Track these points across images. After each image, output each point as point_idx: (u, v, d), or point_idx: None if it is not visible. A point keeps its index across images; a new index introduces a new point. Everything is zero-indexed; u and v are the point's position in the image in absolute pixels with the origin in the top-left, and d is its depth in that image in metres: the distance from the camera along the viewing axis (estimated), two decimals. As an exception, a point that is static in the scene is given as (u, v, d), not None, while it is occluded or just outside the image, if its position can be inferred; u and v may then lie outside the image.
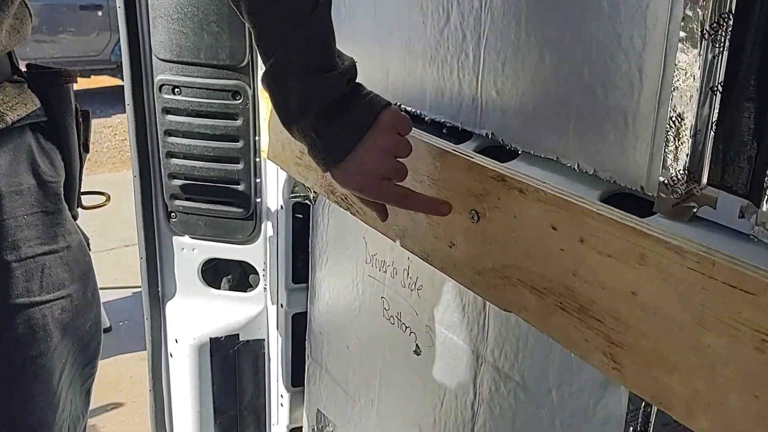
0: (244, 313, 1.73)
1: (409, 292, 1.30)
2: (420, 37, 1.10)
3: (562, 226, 0.83)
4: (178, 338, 1.74)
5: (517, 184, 0.88)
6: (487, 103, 1.01)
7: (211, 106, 1.54)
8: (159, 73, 1.54)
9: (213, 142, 1.57)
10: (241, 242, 1.66)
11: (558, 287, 0.85)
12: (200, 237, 1.68)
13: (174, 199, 1.65)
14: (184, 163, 1.61)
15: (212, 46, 1.49)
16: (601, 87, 0.84)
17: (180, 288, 1.74)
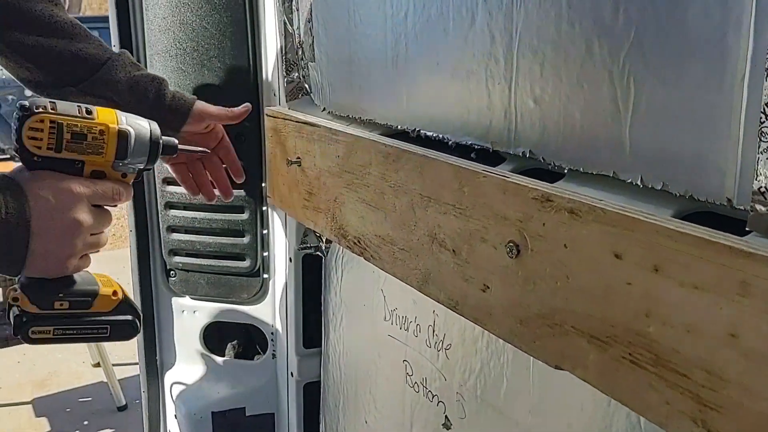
0: (251, 384, 1.53)
1: (436, 352, 1.10)
2: (440, 47, 0.95)
3: (628, 253, 0.64)
4: (178, 413, 1.54)
5: (566, 203, 0.70)
6: (523, 116, 0.84)
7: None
8: (156, 117, 1.40)
9: (215, 189, 1.42)
10: (247, 302, 1.49)
11: (626, 334, 0.65)
12: (202, 298, 1.51)
13: (173, 255, 1.48)
14: (184, 214, 1.45)
15: (213, 85, 1.36)
16: (669, 77, 0.67)
17: (180, 355, 1.55)
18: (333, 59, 1.21)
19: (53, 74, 1.10)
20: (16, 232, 0.78)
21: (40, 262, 0.82)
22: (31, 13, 1.10)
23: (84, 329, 0.89)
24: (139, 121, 0.88)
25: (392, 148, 0.96)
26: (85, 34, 1.13)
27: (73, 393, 3.77)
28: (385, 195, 0.98)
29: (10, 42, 1.09)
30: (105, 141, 0.84)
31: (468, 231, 0.83)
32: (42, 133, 0.81)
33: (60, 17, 1.12)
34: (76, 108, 0.84)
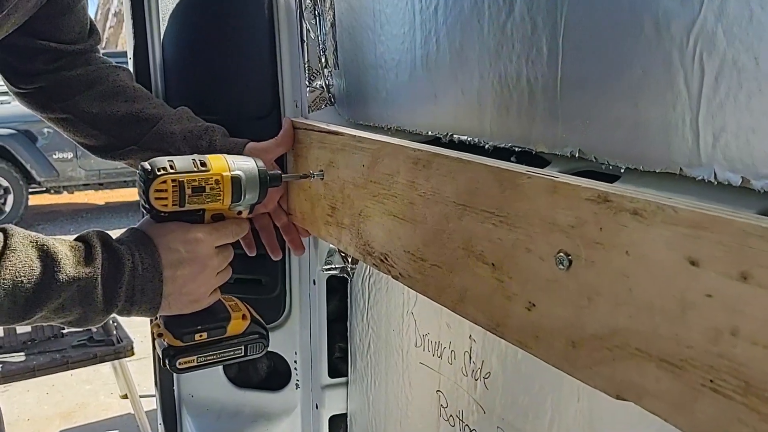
0: (274, 416, 1.43)
1: (473, 382, 0.99)
2: (475, 41, 0.86)
3: (708, 259, 0.53)
4: (196, 448, 1.45)
5: (628, 203, 0.60)
6: (570, 111, 0.74)
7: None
8: (174, 131, 1.33)
9: (234, 208, 1.33)
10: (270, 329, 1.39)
11: (705, 356, 0.54)
12: (221, 323, 1.41)
13: (191, 278, 1.40)
14: (203, 234, 1.37)
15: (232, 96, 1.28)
16: (744, 51, 0.57)
17: (199, 387, 1.46)
18: (358, 65, 1.12)
19: (117, 137, 1.16)
20: (151, 284, 0.88)
21: (175, 304, 0.92)
22: (96, 83, 1.17)
23: (223, 353, 0.99)
24: (245, 162, 0.96)
25: (422, 152, 0.86)
26: (145, 96, 1.19)
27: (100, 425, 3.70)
28: (415, 205, 0.88)
29: (76, 111, 1.16)
30: (221, 189, 0.93)
31: (510, 241, 0.73)
32: (166, 192, 0.89)
33: (122, 82, 1.18)
34: (191, 162, 0.91)
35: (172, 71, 1.32)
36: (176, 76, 1.32)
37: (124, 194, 8.53)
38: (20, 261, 0.79)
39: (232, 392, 1.46)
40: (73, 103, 1.16)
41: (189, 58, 1.30)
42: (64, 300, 0.82)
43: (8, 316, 0.80)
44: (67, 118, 1.17)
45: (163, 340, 0.97)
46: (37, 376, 3.19)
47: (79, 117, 1.16)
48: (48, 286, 0.80)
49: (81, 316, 0.85)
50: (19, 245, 0.80)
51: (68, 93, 1.16)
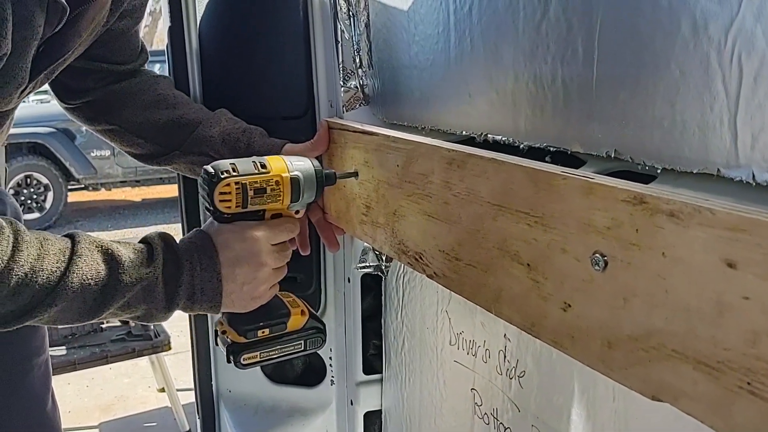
0: (309, 412, 1.45)
1: (508, 380, 0.99)
2: (510, 41, 0.86)
3: (745, 261, 0.53)
4: (233, 442, 1.47)
5: (664, 205, 0.60)
6: (606, 110, 0.74)
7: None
8: (211, 131, 1.36)
9: (270, 206, 1.35)
10: (305, 325, 1.40)
11: (743, 359, 0.54)
12: (258, 320, 1.43)
13: (228, 275, 1.42)
14: (239, 232, 1.39)
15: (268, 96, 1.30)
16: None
17: (236, 382, 1.49)
18: (392, 65, 1.13)
19: (161, 144, 1.20)
20: (210, 283, 0.92)
21: (237, 301, 0.95)
22: (139, 93, 1.20)
23: (284, 348, 1.02)
24: (302, 163, 0.99)
25: (456, 153, 0.87)
26: (185, 102, 1.23)
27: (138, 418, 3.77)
28: (449, 205, 0.89)
29: (122, 122, 1.20)
30: (281, 190, 0.96)
31: (545, 242, 0.73)
32: (230, 195, 0.93)
33: (162, 90, 1.22)
34: (252, 164, 0.94)
35: (209, 73, 1.34)
36: (213, 77, 1.34)
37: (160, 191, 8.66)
38: (87, 265, 0.84)
39: (269, 388, 1.48)
40: (119, 115, 1.20)
41: (226, 60, 1.32)
42: (129, 299, 0.88)
43: (80, 315, 0.86)
44: (113, 129, 1.22)
45: (226, 337, 1.00)
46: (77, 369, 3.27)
47: (125, 128, 1.21)
48: (113, 287, 0.86)
49: (146, 312, 0.90)
50: (86, 250, 0.85)
51: (115, 106, 1.20)
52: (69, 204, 8.05)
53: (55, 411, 1.26)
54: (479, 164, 0.83)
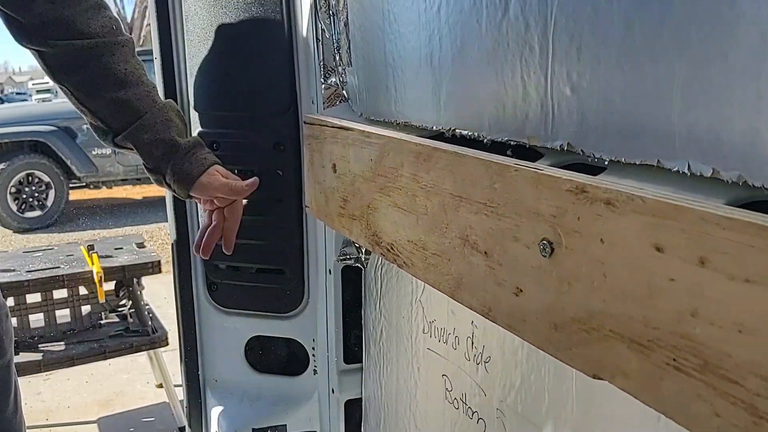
0: (293, 401, 1.49)
1: (475, 366, 1.03)
2: (474, 39, 0.90)
3: (671, 245, 0.57)
4: (219, 429, 1.51)
5: (602, 194, 0.63)
6: (560, 107, 0.78)
7: (251, 160, 1.38)
8: (197, 127, 1.40)
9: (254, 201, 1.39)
10: (288, 316, 1.45)
11: (670, 337, 0.58)
12: (243, 312, 1.48)
13: (214, 268, 1.46)
14: (225, 226, 1.43)
15: (252, 93, 1.34)
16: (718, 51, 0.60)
17: (222, 371, 1.53)
18: (369, 62, 1.17)
19: (105, 122, 1.19)
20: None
21: None
22: (93, 60, 1.15)
23: None
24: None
25: (423, 147, 0.91)
26: (134, 81, 1.19)
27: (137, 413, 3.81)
28: (417, 197, 0.93)
29: (72, 86, 1.18)
30: None
31: (500, 230, 0.77)
32: None
33: (115, 64, 1.17)
34: None
35: (195, 69, 1.38)
36: (200, 74, 1.38)
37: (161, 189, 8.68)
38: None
39: (254, 377, 1.52)
40: (70, 78, 1.17)
41: (211, 58, 1.36)
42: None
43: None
44: (65, 90, 1.19)
45: None
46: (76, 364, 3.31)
47: (74, 94, 1.18)
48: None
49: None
50: None
51: (71, 66, 1.15)
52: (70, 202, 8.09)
53: (16, 416, 1.27)
54: (443, 158, 0.87)
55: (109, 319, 3.45)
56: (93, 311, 3.31)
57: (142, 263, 3.36)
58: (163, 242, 6.69)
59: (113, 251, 3.46)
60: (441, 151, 0.87)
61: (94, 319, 3.35)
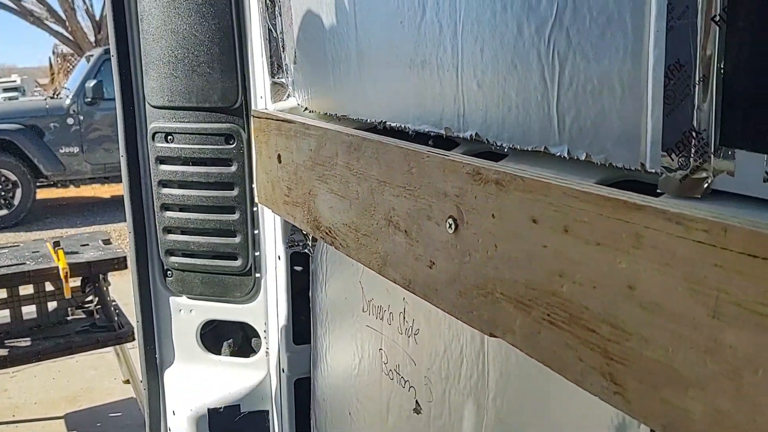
0: (246, 381, 1.57)
1: (407, 339, 1.12)
2: (398, 39, 0.99)
3: (543, 217, 0.67)
4: (176, 410, 1.58)
5: (492, 175, 0.73)
6: (469, 101, 0.88)
7: (204, 153, 1.46)
8: (152, 121, 1.47)
9: (207, 191, 1.48)
10: (241, 301, 1.53)
11: (544, 296, 0.67)
12: (198, 297, 1.56)
13: (169, 255, 1.54)
14: (179, 215, 1.51)
15: (203, 89, 1.42)
16: (589, 52, 0.70)
17: (179, 354, 1.60)
18: (312, 60, 1.26)
19: None
20: None
21: None
22: None
23: None
24: None
25: (354, 137, 1.00)
26: None
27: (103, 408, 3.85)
28: (350, 183, 1.02)
29: None
30: None
31: (417, 210, 0.86)
32: None
33: None
34: None
35: (151, 67, 1.45)
36: (154, 70, 1.46)
37: (129, 187, 8.64)
38: None
39: (208, 359, 1.60)
40: None
41: (165, 55, 1.44)
42: None
43: None
44: None
45: None
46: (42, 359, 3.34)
47: None
48: None
49: None
50: None
51: None
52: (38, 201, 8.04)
53: None
54: (370, 147, 0.96)
55: (76, 315, 3.49)
56: (59, 307, 3.35)
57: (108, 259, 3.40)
58: (131, 240, 6.68)
59: (79, 248, 3.49)
60: (368, 141, 0.96)
61: (61, 315, 3.38)
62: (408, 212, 0.88)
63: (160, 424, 1.64)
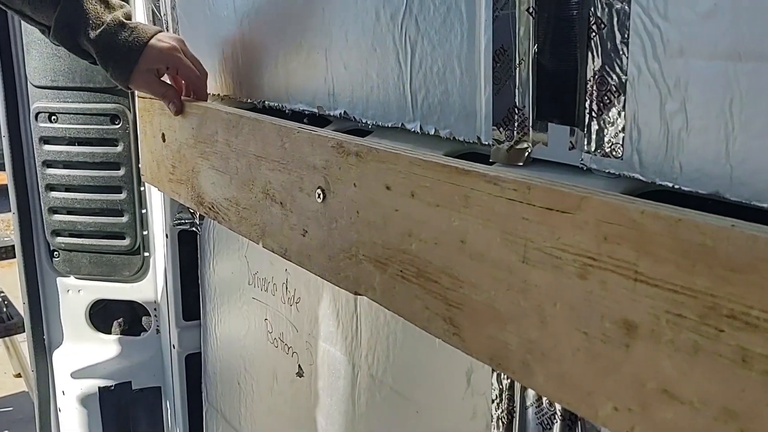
0: (137, 359, 1.60)
1: (289, 307, 1.20)
2: (276, 23, 1.05)
3: (395, 184, 0.75)
4: (65, 390, 1.59)
5: (353, 148, 0.81)
6: (337, 81, 0.95)
7: (89, 133, 1.47)
8: (35, 101, 1.47)
9: (94, 171, 1.49)
10: (130, 280, 1.55)
11: (397, 254, 0.76)
12: (86, 277, 1.56)
13: (56, 235, 1.54)
14: (65, 195, 1.52)
15: (88, 69, 1.43)
16: (434, 37, 0.79)
17: (67, 334, 1.61)
18: (195, 42, 1.29)
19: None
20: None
21: None
22: None
23: None
24: None
25: (232, 115, 1.05)
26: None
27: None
28: (230, 160, 1.07)
29: None
30: None
31: (290, 183, 0.93)
32: None
33: None
34: None
35: (32, 46, 1.45)
36: (37, 49, 1.45)
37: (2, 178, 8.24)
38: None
39: (98, 339, 1.61)
40: None
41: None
42: None
43: None
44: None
45: None
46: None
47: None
48: None
49: None
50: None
51: None
52: None
53: None
54: (247, 124, 1.02)
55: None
56: (-56, 298, 3.21)
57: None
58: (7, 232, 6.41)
59: (-38, 236, 3.35)
60: (246, 119, 1.02)
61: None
62: (282, 185, 0.95)
63: (50, 406, 1.64)
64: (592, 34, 0.61)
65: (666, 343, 0.51)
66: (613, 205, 0.53)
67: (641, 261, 0.52)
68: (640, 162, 0.60)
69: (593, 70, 0.61)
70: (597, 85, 0.61)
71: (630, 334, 0.53)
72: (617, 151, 0.61)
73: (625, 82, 0.59)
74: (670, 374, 0.51)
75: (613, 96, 0.61)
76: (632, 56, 0.58)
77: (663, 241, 0.50)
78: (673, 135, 0.57)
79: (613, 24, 0.59)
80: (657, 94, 0.57)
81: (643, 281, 0.52)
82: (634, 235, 0.52)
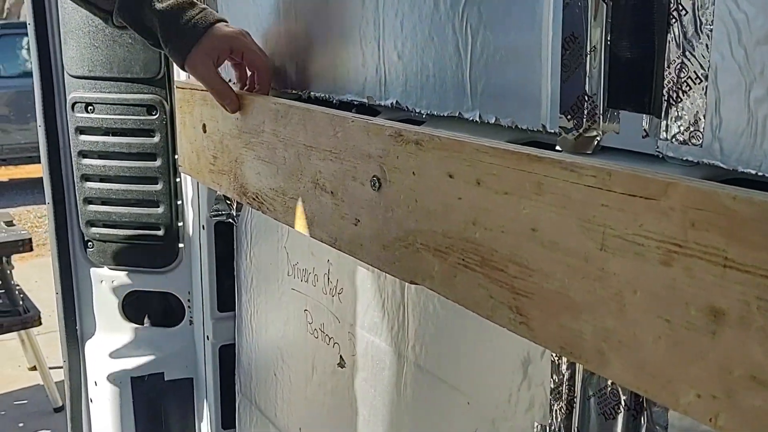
0: (169, 350, 1.60)
1: (331, 298, 1.19)
2: (323, 13, 1.05)
3: (458, 172, 0.75)
4: (98, 381, 1.60)
5: (413, 136, 0.80)
6: (390, 70, 0.95)
7: (126, 123, 1.47)
8: (71, 91, 1.47)
9: (129, 161, 1.49)
10: (164, 271, 1.56)
11: (459, 243, 0.76)
12: (120, 267, 1.57)
13: (90, 226, 1.54)
14: (100, 186, 1.52)
15: (125, 59, 1.43)
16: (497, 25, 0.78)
17: (100, 325, 1.61)
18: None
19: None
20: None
21: None
22: None
23: None
24: None
25: (281, 105, 1.05)
26: None
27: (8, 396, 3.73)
28: (277, 150, 1.07)
29: None
30: None
31: (342, 172, 0.93)
32: None
33: None
34: None
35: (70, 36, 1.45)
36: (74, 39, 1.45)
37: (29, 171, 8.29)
38: None
39: (132, 330, 1.62)
40: None
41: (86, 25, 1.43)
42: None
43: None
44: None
45: None
46: (-57, 349, 3.19)
47: None
48: None
49: None
50: None
51: None
52: (-68, 182, 7.59)
53: None
54: (297, 114, 1.02)
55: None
56: (-40, 291, 3.22)
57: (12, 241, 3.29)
58: (32, 225, 6.43)
59: (-20, 230, 3.37)
60: (295, 108, 1.02)
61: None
62: (334, 174, 0.95)
63: (81, 396, 1.65)
64: (672, 21, 0.61)
65: (756, 329, 0.51)
66: (703, 191, 0.53)
67: (731, 247, 0.52)
68: (721, 149, 0.59)
69: (673, 58, 0.61)
70: (677, 72, 0.61)
71: (717, 321, 0.53)
72: (697, 138, 0.61)
73: (707, 69, 0.59)
74: (760, 361, 0.51)
75: (693, 83, 0.60)
76: (716, 43, 0.58)
77: (756, 226, 0.50)
78: (759, 122, 0.56)
79: (696, 10, 0.59)
80: (742, 81, 0.57)
81: (733, 267, 0.52)
82: (723, 222, 0.52)
